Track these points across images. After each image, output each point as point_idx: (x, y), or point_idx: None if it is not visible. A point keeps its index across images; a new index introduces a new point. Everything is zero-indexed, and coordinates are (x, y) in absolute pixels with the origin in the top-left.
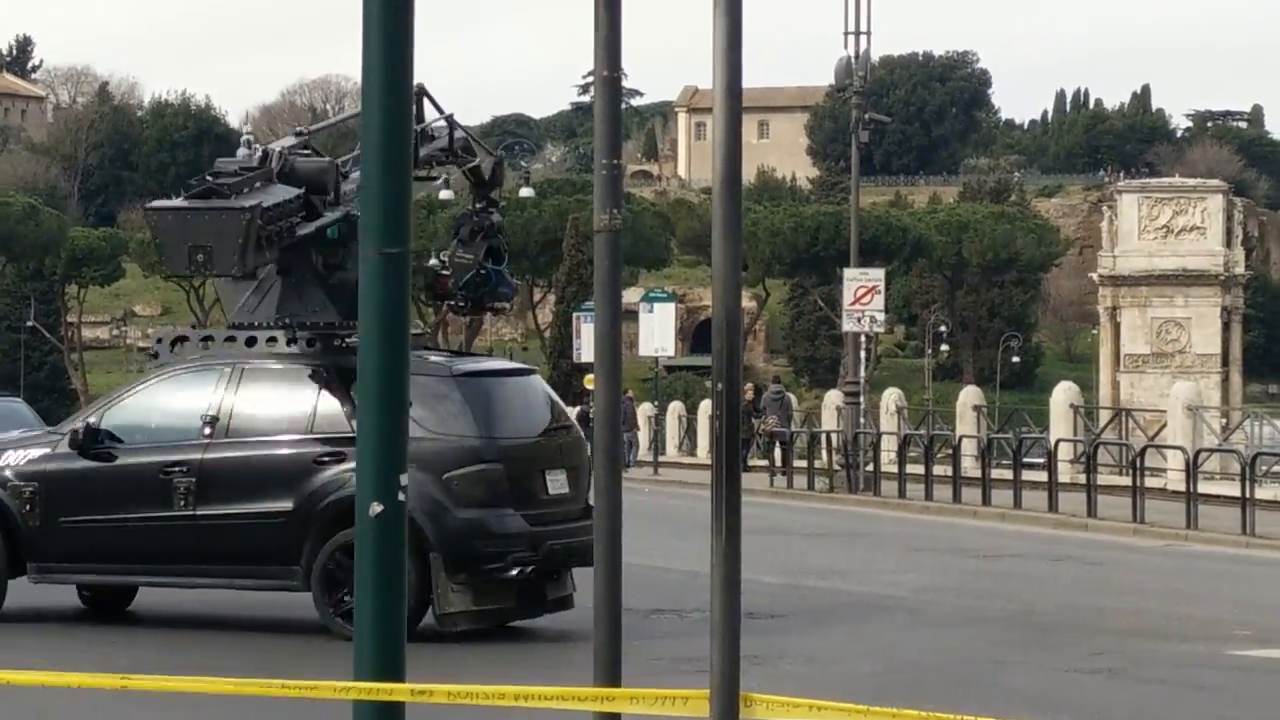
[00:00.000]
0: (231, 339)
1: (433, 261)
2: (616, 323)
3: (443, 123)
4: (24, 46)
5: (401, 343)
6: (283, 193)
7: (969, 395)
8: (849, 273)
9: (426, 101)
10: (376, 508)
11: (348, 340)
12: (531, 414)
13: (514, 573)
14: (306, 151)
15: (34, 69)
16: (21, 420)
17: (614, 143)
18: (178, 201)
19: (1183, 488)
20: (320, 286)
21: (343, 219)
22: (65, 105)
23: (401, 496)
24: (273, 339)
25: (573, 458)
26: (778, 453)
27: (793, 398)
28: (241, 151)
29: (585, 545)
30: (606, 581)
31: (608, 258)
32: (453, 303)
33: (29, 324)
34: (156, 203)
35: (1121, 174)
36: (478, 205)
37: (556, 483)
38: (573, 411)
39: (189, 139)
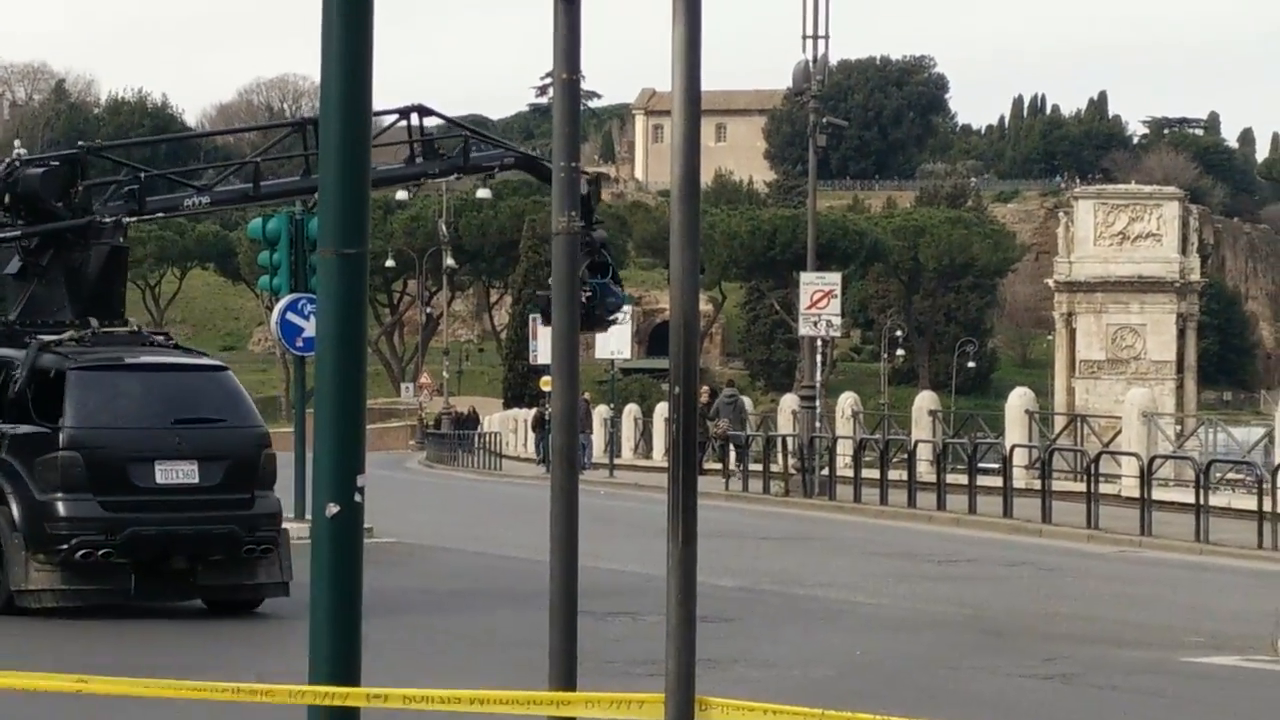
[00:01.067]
0: None
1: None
2: (574, 325)
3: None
4: None
5: (358, 343)
6: None
7: (925, 400)
8: (805, 276)
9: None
10: (333, 508)
11: (31, 335)
12: (154, 406)
13: (79, 555)
14: (55, 162)
15: None
16: None
17: (572, 145)
18: None
19: (1137, 494)
20: (62, 287)
21: (87, 225)
22: (21, 102)
23: (358, 498)
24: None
25: (218, 450)
26: (732, 456)
27: (748, 401)
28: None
29: (201, 534)
30: (562, 584)
31: (566, 260)
32: None
33: None
34: None
35: (1078, 180)
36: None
37: (176, 472)
38: (529, 413)
39: (145, 137)
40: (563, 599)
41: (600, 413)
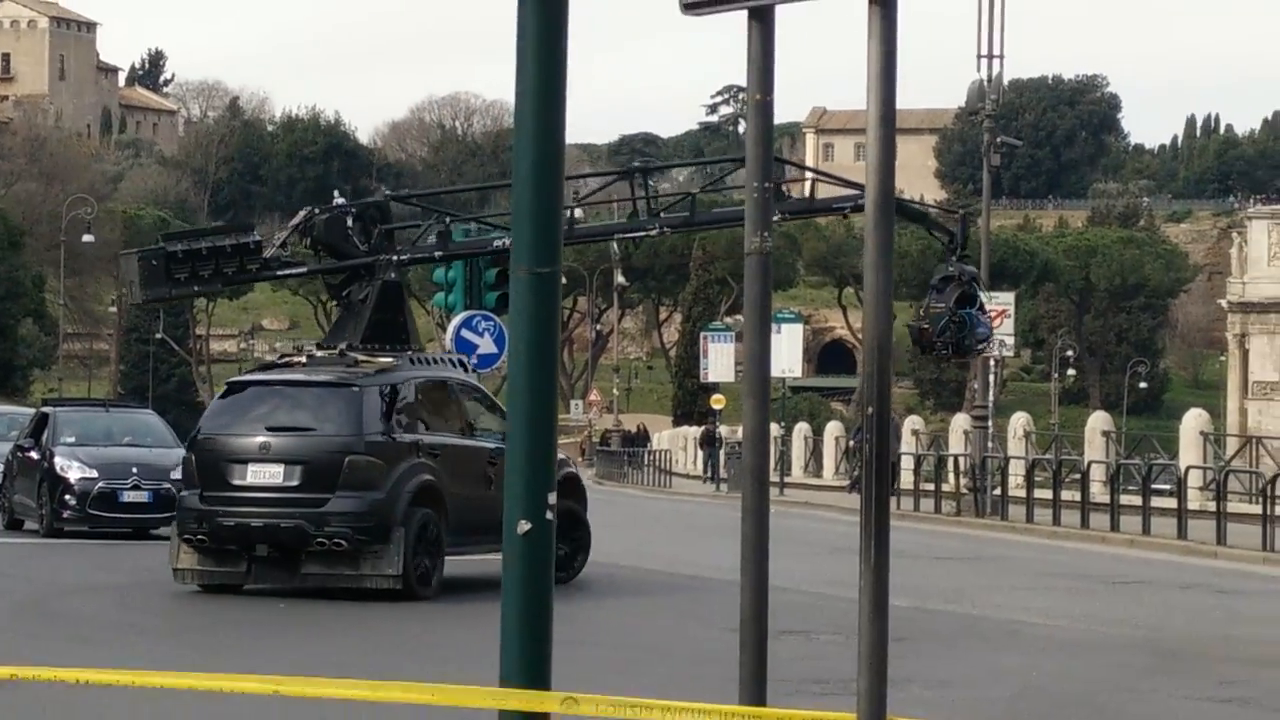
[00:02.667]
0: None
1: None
2: (767, 345)
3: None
4: (156, 61)
5: (550, 361)
6: (228, 239)
7: (1097, 420)
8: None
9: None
10: (524, 525)
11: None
12: (261, 416)
13: (184, 539)
14: (354, 209)
15: (166, 83)
16: (154, 432)
17: (766, 166)
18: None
19: None
20: (356, 316)
21: (370, 263)
22: (196, 119)
23: (549, 515)
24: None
25: (301, 455)
26: (904, 475)
27: (914, 420)
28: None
29: (270, 527)
30: (752, 602)
31: (758, 280)
32: (937, 351)
33: (158, 336)
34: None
35: (1252, 200)
36: (952, 257)
37: (264, 474)
38: (698, 431)
39: (318, 154)
40: (753, 616)
41: (770, 431)
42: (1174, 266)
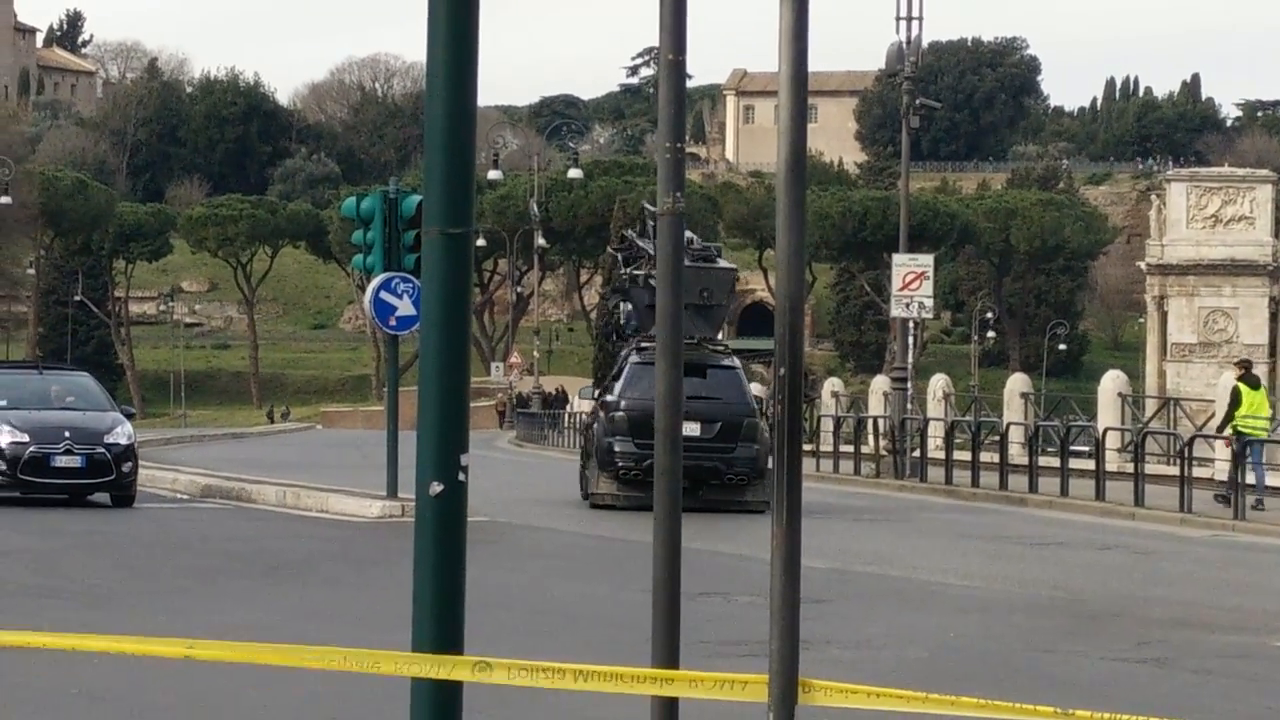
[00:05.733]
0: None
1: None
2: (679, 306)
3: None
4: (74, 21)
5: (463, 322)
6: None
7: (1016, 382)
8: (898, 258)
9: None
10: (436, 487)
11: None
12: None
13: (620, 473)
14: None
15: (84, 44)
16: (88, 395)
17: (678, 126)
18: (688, 263)
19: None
20: (698, 313)
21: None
22: (115, 80)
23: (461, 477)
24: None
25: (712, 416)
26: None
27: (834, 382)
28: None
29: (694, 467)
30: (665, 564)
31: (670, 241)
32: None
33: (77, 298)
34: None
35: (1170, 163)
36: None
37: (685, 428)
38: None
39: (237, 116)
40: (666, 579)
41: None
42: (1093, 229)
